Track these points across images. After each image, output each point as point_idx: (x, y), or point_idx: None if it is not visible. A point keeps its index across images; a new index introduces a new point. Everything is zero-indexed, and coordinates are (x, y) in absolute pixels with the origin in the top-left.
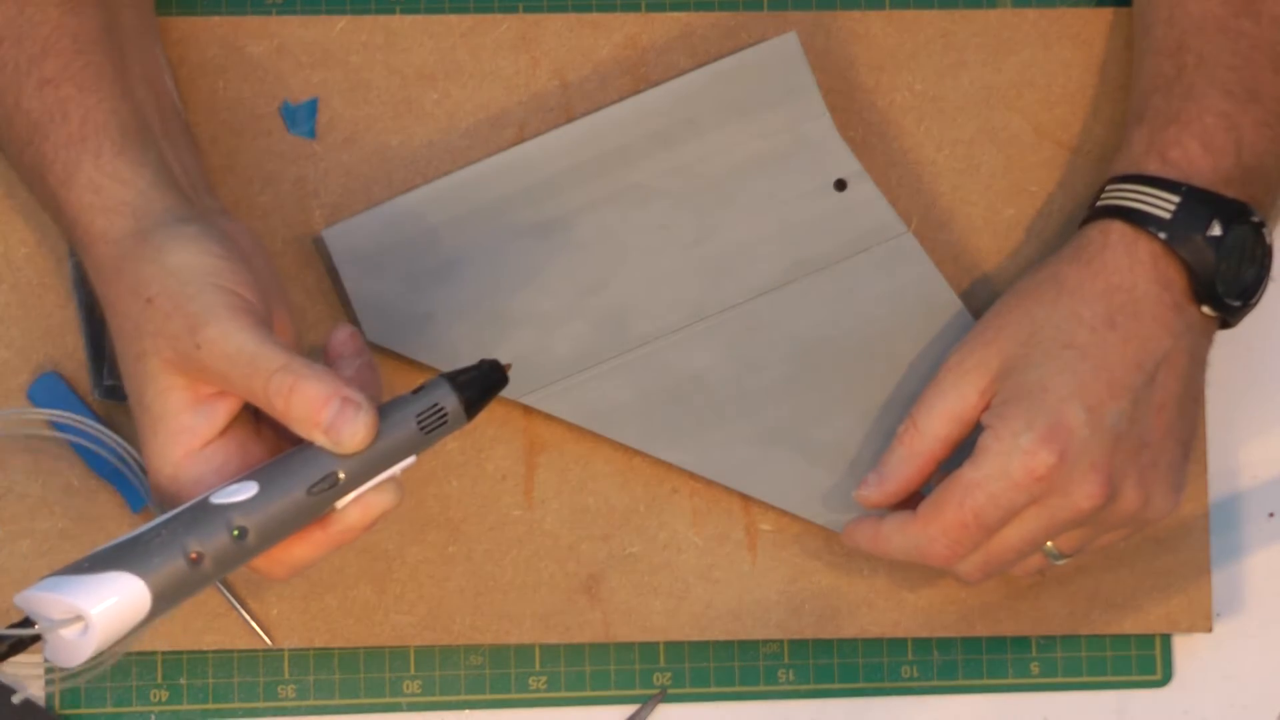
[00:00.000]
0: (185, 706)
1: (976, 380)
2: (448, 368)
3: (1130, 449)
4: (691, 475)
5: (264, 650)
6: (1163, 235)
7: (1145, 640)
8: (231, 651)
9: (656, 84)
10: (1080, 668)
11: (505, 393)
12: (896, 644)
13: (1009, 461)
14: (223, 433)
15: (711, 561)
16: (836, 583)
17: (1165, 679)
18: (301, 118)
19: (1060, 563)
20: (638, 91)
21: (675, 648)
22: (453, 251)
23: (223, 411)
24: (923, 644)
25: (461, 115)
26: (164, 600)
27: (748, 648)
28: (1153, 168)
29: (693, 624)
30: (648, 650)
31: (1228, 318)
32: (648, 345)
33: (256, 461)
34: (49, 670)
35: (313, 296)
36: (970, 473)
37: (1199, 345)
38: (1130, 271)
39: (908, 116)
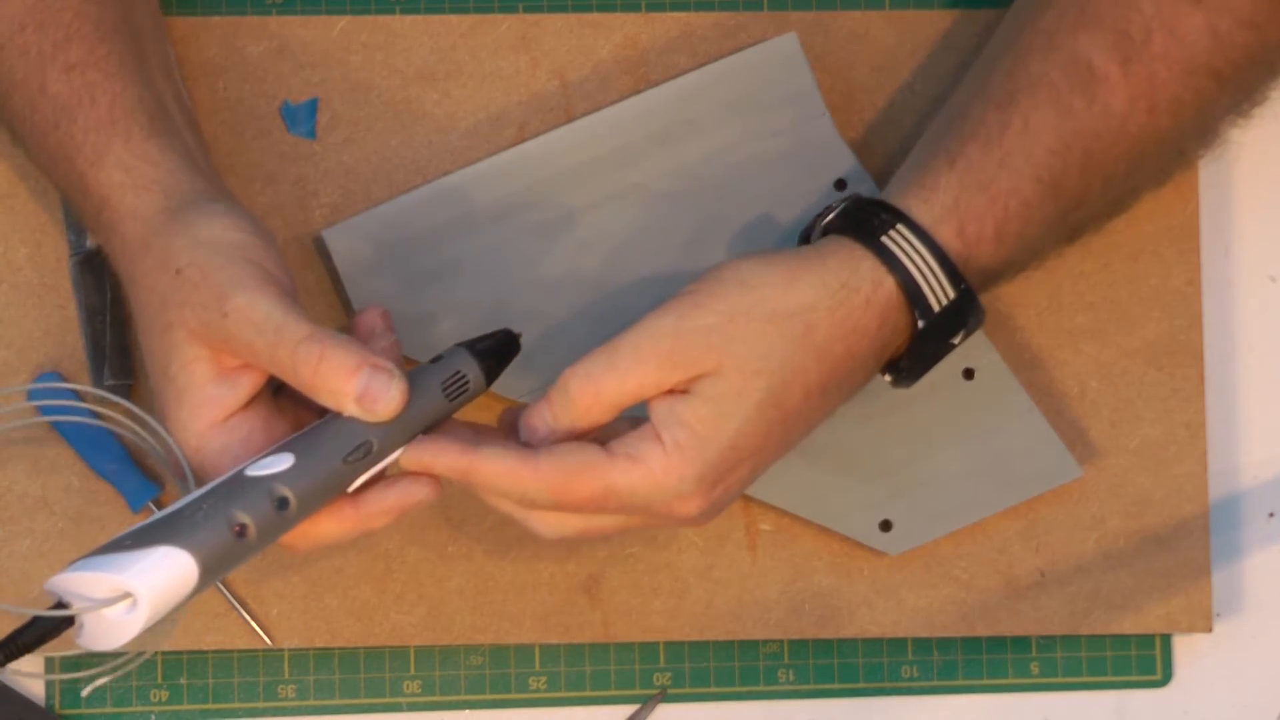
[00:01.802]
0: (185, 706)
1: (673, 368)
2: None
3: (738, 470)
4: None
5: (264, 650)
6: (921, 324)
7: (1145, 640)
8: (231, 651)
9: (656, 84)
10: (1080, 668)
11: (505, 393)
12: (896, 644)
13: (659, 495)
14: (246, 406)
15: (711, 561)
16: (836, 583)
17: (1165, 679)
18: (301, 118)
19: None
20: (638, 91)
21: (675, 648)
22: (453, 251)
23: (247, 384)
24: (923, 644)
25: (461, 115)
26: (210, 573)
27: (748, 648)
28: (946, 234)
29: (693, 624)
30: (648, 650)
31: (895, 380)
32: None
33: (279, 435)
34: (49, 670)
35: (313, 296)
36: (620, 478)
37: (854, 392)
38: (874, 340)
39: (908, 116)
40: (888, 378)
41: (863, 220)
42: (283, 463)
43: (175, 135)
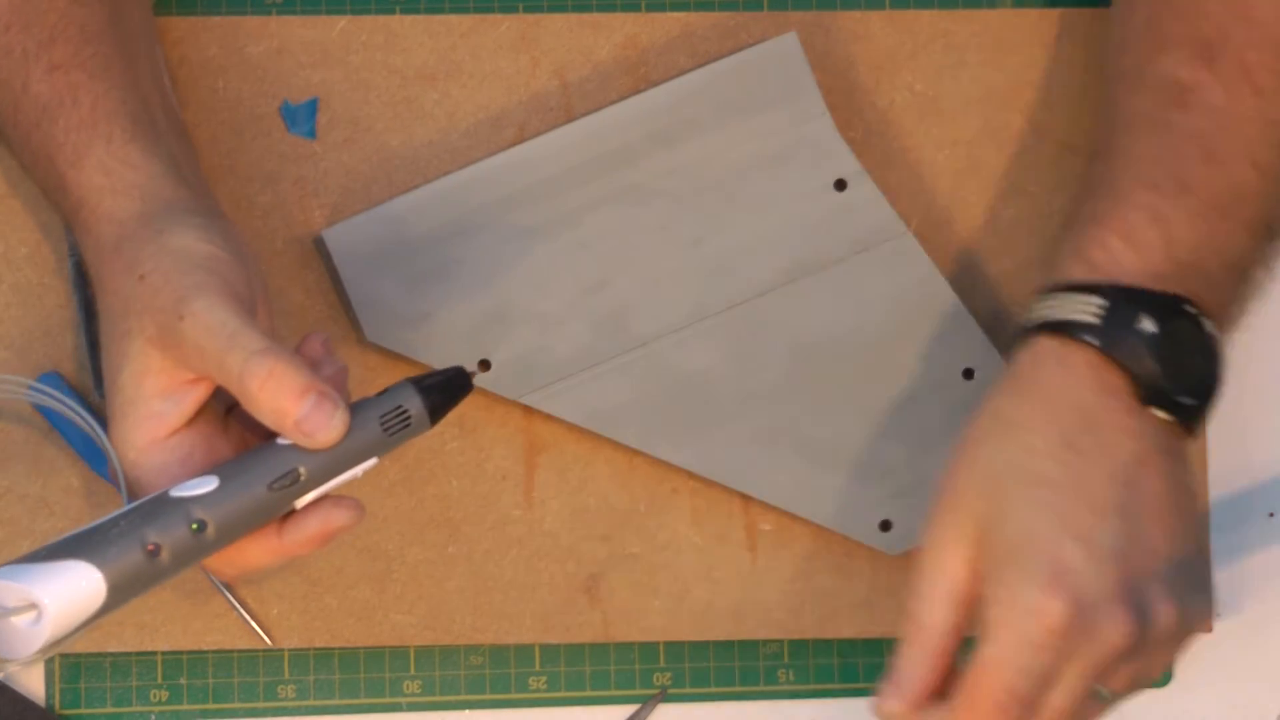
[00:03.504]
0: (185, 706)
1: (958, 552)
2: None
3: (1141, 564)
4: (691, 475)
5: (264, 650)
6: (1095, 341)
7: None
8: (231, 651)
9: (656, 84)
10: None
11: (505, 393)
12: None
13: (1022, 626)
14: (190, 424)
15: (711, 561)
16: (836, 583)
17: (1165, 679)
18: (301, 118)
19: (1116, 701)
20: (638, 91)
21: (675, 648)
22: (453, 251)
23: (191, 400)
24: None
25: (461, 115)
26: (120, 591)
27: (748, 648)
28: (1076, 273)
29: (693, 624)
30: (648, 650)
31: (1185, 420)
32: (648, 345)
33: (221, 457)
34: (49, 670)
35: (313, 296)
36: (989, 651)
37: (1171, 444)
38: (1071, 389)
39: (908, 116)
40: (1160, 413)
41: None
42: (206, 485)
43: (159, 141)
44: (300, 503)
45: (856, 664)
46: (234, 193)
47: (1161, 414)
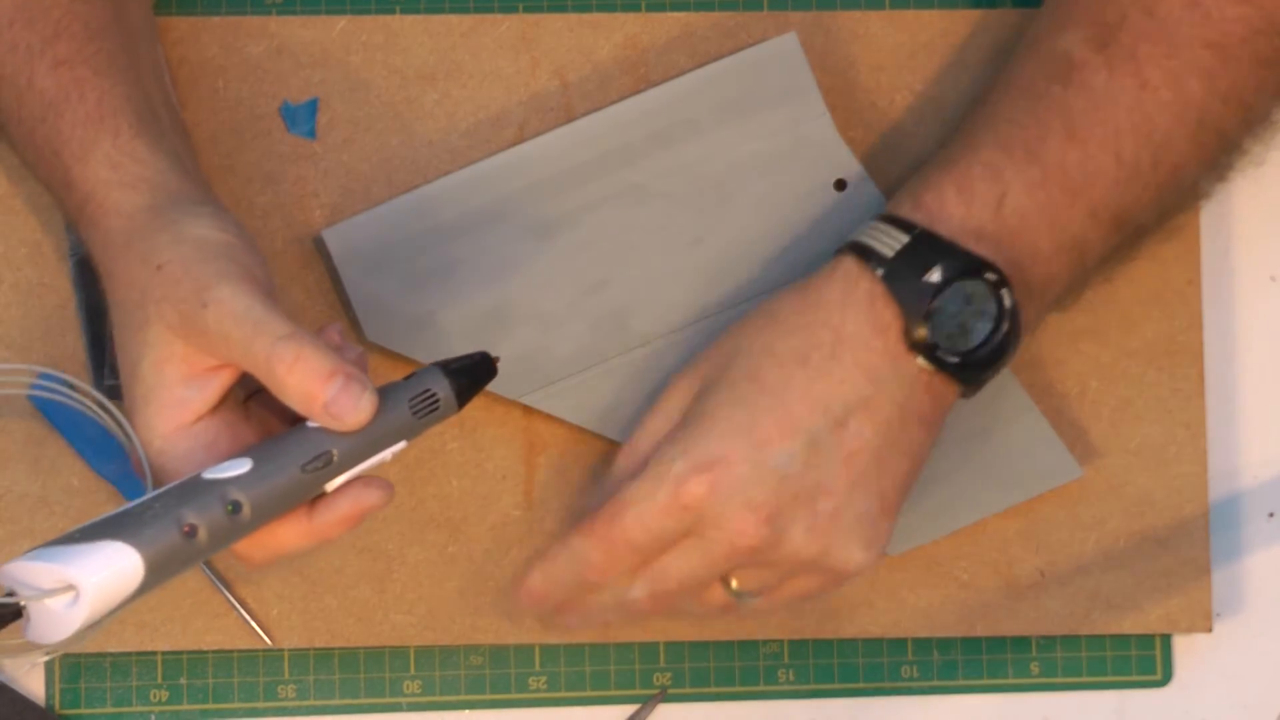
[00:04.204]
0: (185, 706)
1: (680, 403)
2: None
3: (801, 493)
4: None
5: (264, 650)
6: (880, 272)
7: (1145, 640)
8: (231, 651)
9: (656, 84)
10: (1080, 668)
11: (505, 393)
12: (896, 644)
13: (659, 485)
14: (213, 411)
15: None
16: None
17: (1165, 679)
18: (301, 118)
19: (750, 601)
20: (638, 91)
21: (675, 648)
22: (453, 251)
23: (215, 386)
24: (923, 644)
25: (461, 115)
26: (156, 573)
27: (748, 648)
28: (904, 210)
29: (693, 624)
30: (648, 650)
31: (954, 377)
32: (648, 345)
33: (244, 443)
34: (49, 669)
35: (313, 296)
36: (626, 491)
37: (915, 399)
38: (841, 309)
39: (908, 116)
40: (922, 362)
41: None
42: (240, 467)
43: (163, 136)
44: (331, 485)
45: (856, 664)
46: (234, 193)
47: (924, 363)
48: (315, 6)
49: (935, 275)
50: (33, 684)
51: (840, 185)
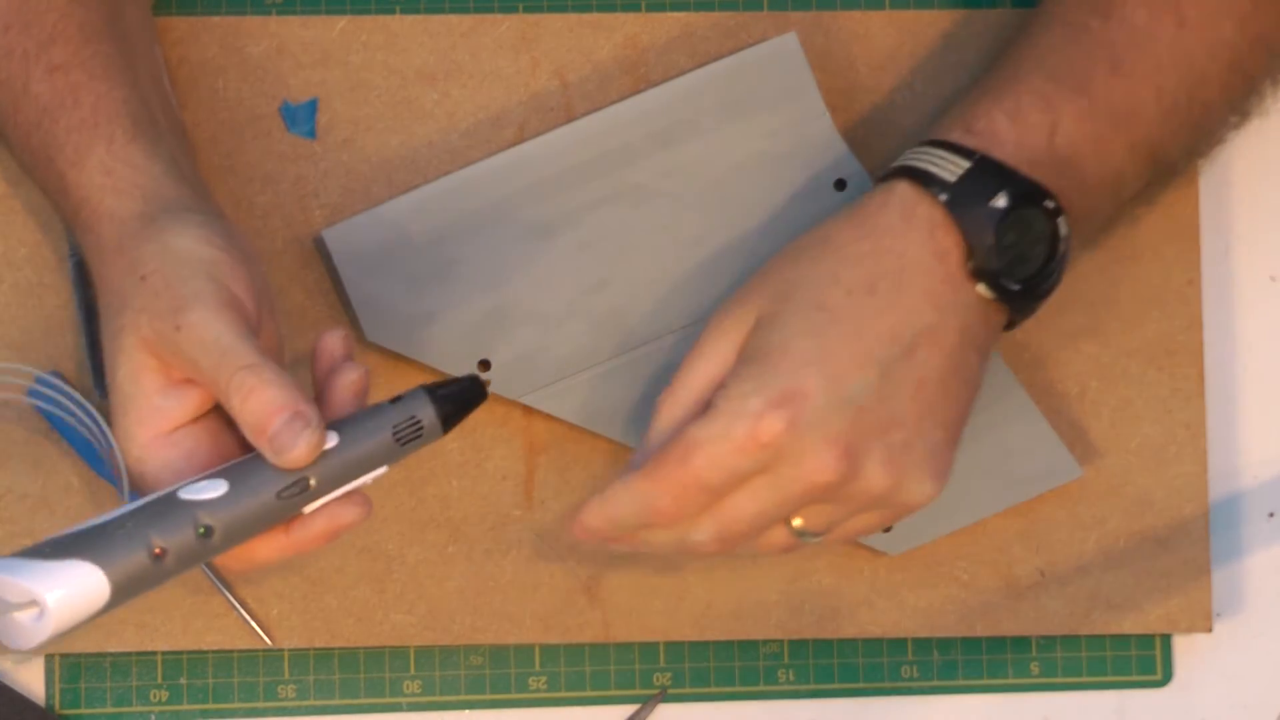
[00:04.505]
0: (185, 706)
1: (733, 339)
2: (447, 368)
3: (875, 425)
4: None
5: (264, 650)
6: (943, 197)
7: (1145, 640)
8: (231, 651)
9: (656, 84)
10: (1080, 668)
11: (505, 393)
12: (896, 644)
13: (734, 423)
14: (195, 420)
15: (712, 562)
16: (836, 583)
17: (1165, 679)
18: (301, 118)
19: (812, 541)
20: (638, 91)
21: (675, 648)
22: (453, 251)
23: (193, 398)
24: (923, 644)
25: (461, 115)
26: (122, 592)
27: (748, 648)
28: (955, 135)
29: (693, 624)
30: (648, 650)
31: (1009, 306)
32: (648, 345)
33: (228, 453)
34: (49, 670)
35: (313, 296)
36: (696, 430)
37: (974, 327)
38: (903, 236)
39: (908, 116)
40: (983, 289)
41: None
42: (215, 490)
43: (160, 141)
44: (309, 509)
45: (856, 664)
46: (234, 193)
47: (985, 290)
48: (315, 6)
49: (1001, 201)
50: (32, 684)
51: (840, 185)
